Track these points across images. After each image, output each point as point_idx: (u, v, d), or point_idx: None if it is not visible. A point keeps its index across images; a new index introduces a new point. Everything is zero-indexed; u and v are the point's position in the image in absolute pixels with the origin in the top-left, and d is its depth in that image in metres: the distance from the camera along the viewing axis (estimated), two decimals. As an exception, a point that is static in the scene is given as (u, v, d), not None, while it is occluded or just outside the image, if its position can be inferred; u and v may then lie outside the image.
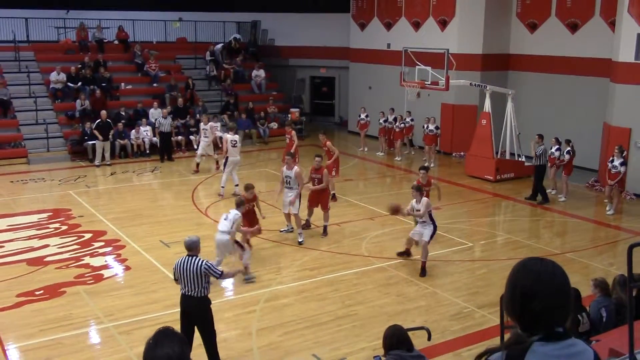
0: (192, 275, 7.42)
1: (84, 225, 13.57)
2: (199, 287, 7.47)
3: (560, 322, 2.30)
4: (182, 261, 7.55)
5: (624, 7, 16.36)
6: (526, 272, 2.33)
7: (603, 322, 7.24)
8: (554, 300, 2.26)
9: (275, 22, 27.97)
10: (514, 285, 2.33)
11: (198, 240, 7.74)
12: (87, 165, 19.65)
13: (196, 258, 7.52)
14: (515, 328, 2.38)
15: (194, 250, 7.63)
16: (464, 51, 20.63)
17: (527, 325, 2.30)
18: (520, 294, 2.29)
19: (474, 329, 9.07)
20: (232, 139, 16.03)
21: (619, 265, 11.20)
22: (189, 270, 7.43)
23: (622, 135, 16.38)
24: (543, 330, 2.27)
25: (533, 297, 2.26)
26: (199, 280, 7.43)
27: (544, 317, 2.26)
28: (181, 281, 7.56)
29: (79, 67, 22.73)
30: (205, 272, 7.43)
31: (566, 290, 2.32)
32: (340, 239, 13.00)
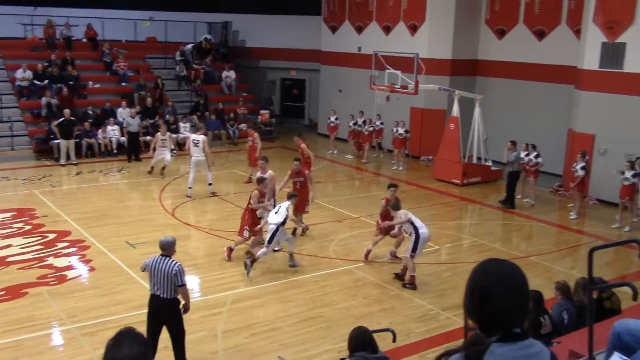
0: (162, 276, 7.36)
1: (48, 225, 13.35)
2: (169, 289, 7.39)
3: (518, 323, 2.33)
4: (155, 260, 7.48)
5: (589, 16, 16.71)
6: (485, 274, 2.36)
7: (564, 325, 7.38)
8: (511, 301, 2.29)
9: (246, 23, 27.87)
10: (474, 286, 2.36)
11: (173, 241, 7.66)
12: (53, 164, 19.32)
13: (169, 259, 7.45)
14: (476, 330, 2.41)
15: (167, 250, 7.56)
16: (434, 56, 20.84)
17: (486, 326, 2.33)
18: (479, 295, 2.32)
19: (438, 331, 9.16)
20: (194, 138, 15.97)
21: (581, 269, 11.41)
22: (161, 270, 7.36)
23: (586, 141, 16.72)
24: (501, 331, 2.30)
25: (491, 298, 2.28)
26: (169, 282, 7.36)
27: (501, 318, 2.29)
28: (151, 280, 7.49)
29: (46, 65, 22.35)
30: (175, 275, 7.35)
31: (524, 291, 2.35)
32: (307, 241, 13.00)
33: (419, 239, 10.57)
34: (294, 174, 13.07)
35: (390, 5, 22.90)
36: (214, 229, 13.62)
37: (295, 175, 13.06)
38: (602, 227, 14.68)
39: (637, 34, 15.73)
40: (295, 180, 13.07)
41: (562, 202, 17.00)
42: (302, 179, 13.06)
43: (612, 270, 11.79)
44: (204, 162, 16.01)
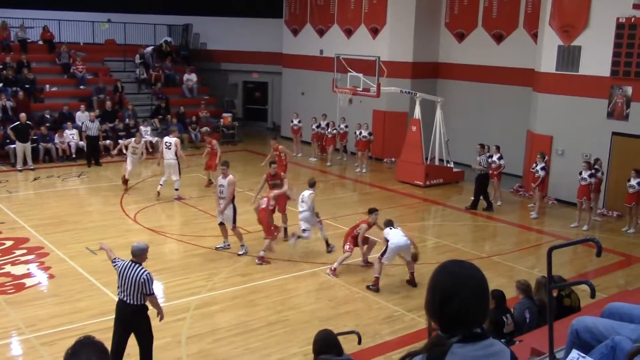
0: (130, 283, 7.25)
1: (4, 233, 13.00)
2: (136, 296, 7.28)
3: (479, 323, 2.36)
4: (125, 265, 7.37)
5: (546, 20, 17.08)
6: (445, 274, 2.39)
7: (527, 323, 7.51)
8: (471, 301, 2.31)
9: (207, 25, 27.67)
10: (434, 286, 2.38)
11: (146, 248, 7.56)
12: (9, 169, 18.85)
13: (139, 266, 7.35)
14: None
15: (138, 257, 7.45)
16: (395, 59, 21.02)
17: (447, 327, 2.35)
18: (440, 296, 2.34)
19: (404, 332, 9.22)
20: (167, 140, 15.88)
21: (542, 268, 11.62)
22: (129, 277, 7.25)
23: (544, 143, 17.06)
24: (462, 331, 2.32)
25: (451, 298, 2.31)
26: (137, 289, 7.25)
27: (462, 319, 2.31)
28: (119, 286, 7.37)
29: (0, 67, 21.81)
30: (143, 283, 7.24)
31: (484, 292, 2.37)
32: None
33: (388, 247, 10.71)
34: (270, 177, 13.04)
35: (352, 8, 23.02)
36: (177, 233, 13.47)
37: (271, 178, 13.04)
38: (561, 227, 14.99)
39: (592, 37, 16.14)
40: (271, 183, 13.03)
41: (523, 202, 17.31)
42: (278, 181, 13.02)
43: (571, 269, 12.06)
44: (175, 166, 15.85)
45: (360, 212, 15.61)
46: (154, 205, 15.60)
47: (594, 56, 16.13)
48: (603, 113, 16.07)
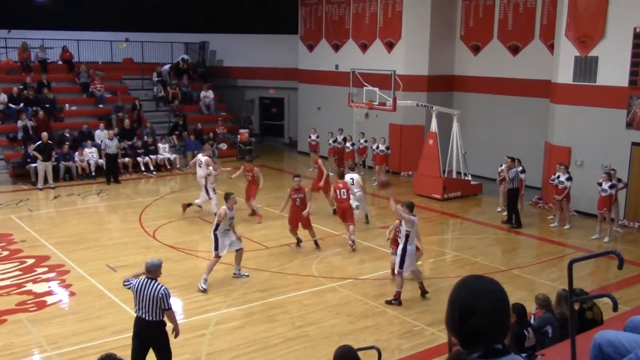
0: (148, 299, 7.29)
1: (26, 251, 13.15)
2: (154, 312, 7.33)
3: (499, 338, 2.34)
4: (141, 282, 7.42)
5: (562, 31, 17.02)
6: (465, 290, 2.38)
7: (549, 338, 7.42)
8: (492, 317, 2.31)
9: (223, 43, 27.95)
10: (454, 302, 2.38)
11: (159, 264, 7.62)
12: (30, 188, 19.09)
13: (155, 282, 7.40)
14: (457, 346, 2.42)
15: (153, 273, 7.51)
16: (411, 72, 21.05)
17: (467, 342, 2.34)
18: (460, 311, 2.33)
19: (424, 347, 9.15)
20: (199, 158, 16.08)
21: (563, 280, 11.50)
22: (146, 293, 7.29)
23: (563, 154, 16.94)
24: (482, 347, 2.31)
25: (471, 314, 2.30)
26: (155, 305, 7.30)
27: (482, 334, 2.30)
28: (136, 303, 7.42)
29: (21, 87, 22.17)
30: (161, 299, 7.29)
31: (504, 307, 2.36)
32: (290, 259, 12.97)
33: (405, 253, 10.51)
34: (294, 191, 13.19)
35: (367, 23, 23.13)
36: (195, 250, 13.52)
37: (295, 192, 13.19)
38: (582, 239, 14.84)
39: (609, 47, 16.04)
40: (295, 197, 13.17)
41: (542, 214, 17.16)
42: (302, 195, 13.19)
43: (593, 282, 11.92)
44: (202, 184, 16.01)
45: (378, 226, 15.62)
46: (172, 222, 15.69)
47: (611, 66, 16.02)
48: (622, 123, 15.93)
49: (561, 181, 15.35)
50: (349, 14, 23.88)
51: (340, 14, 24.31)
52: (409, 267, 10.71)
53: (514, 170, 15.76)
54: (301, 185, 13.35)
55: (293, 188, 13.21)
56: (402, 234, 10.63)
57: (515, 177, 15.72)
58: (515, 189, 15.82)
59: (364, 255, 13.45)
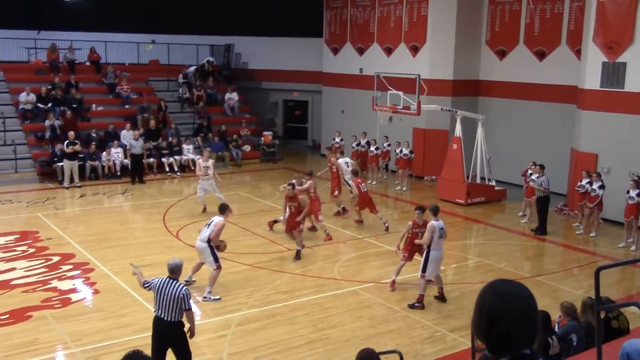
0: (168, 299, 7.33)
1: (52, 248, 13.34)
2: (174, 312, 7.36)
3: (528, 344, 2.31)
4: (162, 282, 7.46)
5: (589, 37, 16.83)
6: (493, 294, 2.35)
7: (574, 346, 7.32)
8: (520, 322, 2.28)
9: (248, 45, 28.11)
10: (482, 307, 2.35)
11: (182, 264, 7.69)
12: (56, 187, 19.36)
13: (177, 282, 7.46)
14: (484, 351, 2.39)
15: (176, 273, 7.57)
16: (435, 77, 20.96)
17: (495, 348, 2.31)
18: (487, 316, 2.30)
19: (446, 352, 9.10)
20: (204, 164, 16.11)
21: (588, 289, 11.36)
22: (167, 293, 7.34)
23: (589, 161, 16.72)
24: (510, 352, 2.28)
25: (500, 319, 2.27)
26: (176, 306, 7.34)
27: (510, 339, 2.28)
28: (156, 302, 7.45)
29: (50, 88, 22.51)
30: (182, 299, 7.33)
31: (533, 312, 2.33)
32: (312, 262, 12.97)
33: (429, 258, 10.53)
34: (288, 199, 13.11)
35: (392, 27, 23.09)
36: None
37: (289, 200, 13.09)
38: (608, 247, 14.63)
39: (637, 53, 15.81)
40: (290, 205, 13.09)
41: (567, 221, 16.96)
42: (295, 203, 12.99)
43: (619, 290, 11.74)
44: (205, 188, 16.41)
45: (400, 230, 15.54)
46: (195, 222, 15.78)
47: (639, 72, 15.81)
48: (650, 130, 15.69)
49: (593, 189, 15.12)
50: (374, 18, 23.86)
51: (365, 17, 24.30)
52: (433, 273, 10.66)
53: (544, 178, 15.48)
54: (295, 194, 13.06)
55: (287, 196, 13.14)
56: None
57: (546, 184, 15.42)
58: (547, 197, 15.57)
59: (386, 259, 13.40)
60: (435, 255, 10.57)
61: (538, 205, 15.77)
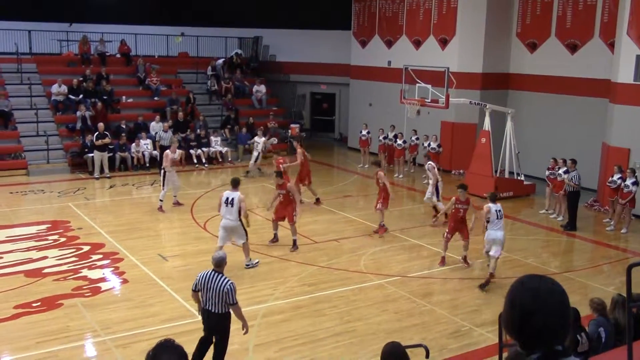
0: (214, 293, 7.44)
1: (82, 238, 13.56)
2: (220, 305, 7.48)
3: (560, 340, 2.29)
4: (206, 275, 7.57)
5: (623, 29, 16.49)
6: (525, 290, 2.33)
7: (602, 343, 7.23)
8: (553, 317, 2.26)
9: (276, 38, 28.14)
10: (513, 303, 2.33)
11: (226, 257, 7.86)
12: (87, 177, 19.66)
13: (222, 276, 7.56)
14: (514, 347, 2.37)
15: (221, 266, 7.69)
16: (464, 70, 20.75)
17: (527, 343, 2.29)
18: (519, 312, 2.28)
19: (472, 347, 9.04)
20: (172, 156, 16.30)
21: (619, 286, 11.18)
22: (212, 287, 7.43)
23: (621, 156, 16.43)
24: (542, 348, 2.26)
25: (532, 314, 2.25)
26: (221, 299, 7.44)
27: (543, 335, 2.26)
28: (203, 295, 7.58)
29: (81, 79, 22.83)
30: (227, 293, 7.41)
31: (566, 307, 2.31)
32: (338, 255, 12.99)
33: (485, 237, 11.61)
34: (278, 187, 13.17)
35: (421, 19, 22.92)
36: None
37: (278, 188, 13.15)
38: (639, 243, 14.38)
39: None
40: (278, 193, 13.15)
41: (597, 217, 16.70)
42: (283, 191, 13.00)
43: (650, 288, 11.52)
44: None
45: (427, 224, 15.49)
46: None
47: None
48: (685, 125, 15.36)
49: (626, 185, 14.87)
50: (403, 10, 23.70)
51: (394, 10, 24.15)
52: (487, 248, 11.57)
53: (576, 173, 15.30)
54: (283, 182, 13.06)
55: (277, 184, 13.19)
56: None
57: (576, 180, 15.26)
58: (577, 192, 15.39)
59: (412, 253, 13.37)
60: (491, 235, 11.39)
61: (568, 201, 15.55)
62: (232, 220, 11.45)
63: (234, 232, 11.63)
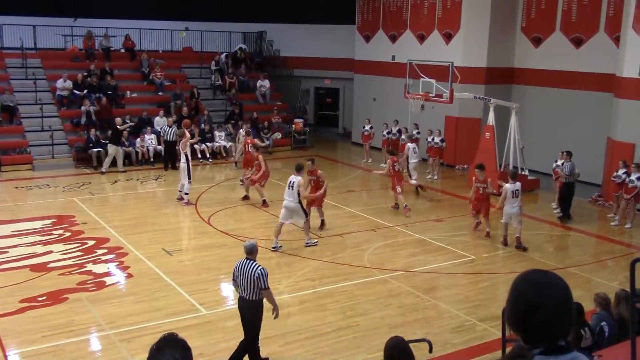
0: (246, 279, 7.75)
1: (87, 232, 13.61)
2: (252, 291, 7.75)
3: (563, 335, 2.30)
4: (240, 264, 7.91)
5: (629, 23, 16.42)
6: (528, 285, 2.33)
7: (605, 337, 7.23)
8: (556, 312, 2.27)
9: (280, 32, 28.10)
10: (516, 297, 2.33)
11: (256, 245, 8.13)
12: (92, 172, 19.71)
13: (254, 262, 7.86)
14: (517, 342, 2.38)
15: (253, 254, 7.98)
16: (469, 64, 20.70)
17: (530, 338, 2.30)
18: (523, 307, 2.29)
19: (475, 342, 9.06)
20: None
21: (623, 281, 11.17)
22: (245, 273, 7.76)
23: (626, 150, 16.37)
24: (546, 343, 2.28)
25: (536, 309, 2.26)
26: (253, 285, 7.72)
27: (546, 330, 2.27)
28: (238, 283, 7.87)
29: (86, 74, 22.86)
30: (258, 278, 7.67)
31: (569, 302, 2.32)
32: (341, 249, 13.01)
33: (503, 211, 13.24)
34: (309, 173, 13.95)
35: (425, 14, 22.86)
36: (249, 236, 13.68)
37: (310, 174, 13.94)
38: (644, 238, 14.37)
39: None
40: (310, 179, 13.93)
41: (601, 212, 16.68)
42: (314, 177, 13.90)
43: (654, 283, 11.50)
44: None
45: (432, 219, 15.50)
46: (227, 208, 15.95)
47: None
48: (690, 120, 15.29)
49: (631, 180, 14.84)
50: (407, 5, 23.64)
51: (398, 4, 24.09)
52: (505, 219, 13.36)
53: (570, 164, 15.49)
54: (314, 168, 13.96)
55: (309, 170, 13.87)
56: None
57: (571, 172, 15.46)
58: (572, 183, 15.54)
59: (416, 247, 13.38)
60: (507, 210, 13.14)
61: (562, 192, 15.70)
62: (292, 202, 12.68)
63: (295, 213, 12.77)
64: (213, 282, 11.19)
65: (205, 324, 9.40)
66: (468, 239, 14.11)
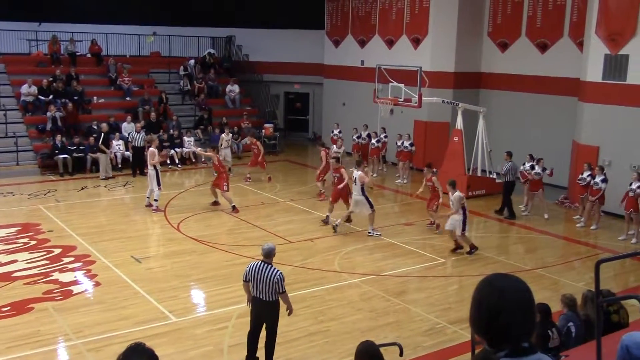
0: (264, 282, 7.83)
1: (53, 240, 13.36)
2: (270, 293, 7.88)
3: (526, 337, 2.33)
4: (256, 266, 7.95)
5: (592, 29, 16.77)
6: (491, 289, 2.36)
7: (572, 338, 7.34)
8: (519, 316, 2.29)
9: (249, 37, 28.02)
10: (480, 301, 2.36)
11: (274, 248, 8.21)
12: (58, 179, 19.38)
13: (272, 266, 7.93)
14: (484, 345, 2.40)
15: (270, 257, 8.04)
16: (437, 69, 20.90)
17: (494, 341, 2.32)
18: (487, 310, 2.32)
19: (446, 345, 9.12)
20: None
21: (589, 281, 11.37)
22: (262, 277, 7.85)
23: (591, 153, 16.70)
24: (509, 345, 2.30)
25: (498, 313, 2.28)
26: (271, 288, 7.82)
27: (509, 333, 2.29)
28: (253, 285, 7.92)
29: (51, 80, 22.48)
30: (277, 282, 7.78)
31: (531, 305, 2.35)
32: (312, 254, 12.99)
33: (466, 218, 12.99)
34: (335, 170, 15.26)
35: (393, 19, 23.03)
36: (219, 243, 13.61)
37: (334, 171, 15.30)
38: (609, 239, 14.64)
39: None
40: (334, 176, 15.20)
41: (568, 213, 16.96)
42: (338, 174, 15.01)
43: (619, 283, 11.76)
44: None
45: (402, 222, 15.59)
46: (196, 214, 15.82)
47: (642, 65, 15.74)
48: (652, 123, 15.65)
49: (596, 182, 15.13)
50: (376, 10, 23.80)
51: (367, 9, 24.24)
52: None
53: (509, 164, 16.47)
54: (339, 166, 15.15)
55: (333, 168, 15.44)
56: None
57: (509, 171, 16.46)
58: (510, 182, 16.52)
59: (386, 251, 13.43)
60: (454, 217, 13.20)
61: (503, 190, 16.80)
62: (357, 195, 13.88)
63: (362, 205, 13.88)
64: (183, 289, 11.06)
65: (175, 331, 9.29)
66: (437, 242, 14.22)
